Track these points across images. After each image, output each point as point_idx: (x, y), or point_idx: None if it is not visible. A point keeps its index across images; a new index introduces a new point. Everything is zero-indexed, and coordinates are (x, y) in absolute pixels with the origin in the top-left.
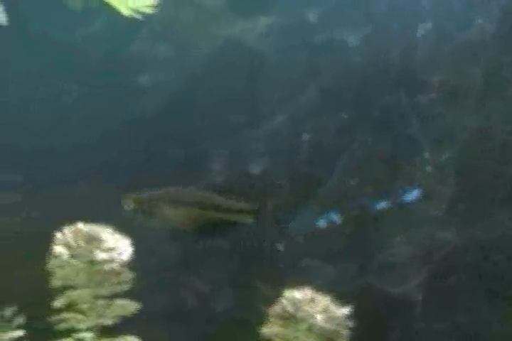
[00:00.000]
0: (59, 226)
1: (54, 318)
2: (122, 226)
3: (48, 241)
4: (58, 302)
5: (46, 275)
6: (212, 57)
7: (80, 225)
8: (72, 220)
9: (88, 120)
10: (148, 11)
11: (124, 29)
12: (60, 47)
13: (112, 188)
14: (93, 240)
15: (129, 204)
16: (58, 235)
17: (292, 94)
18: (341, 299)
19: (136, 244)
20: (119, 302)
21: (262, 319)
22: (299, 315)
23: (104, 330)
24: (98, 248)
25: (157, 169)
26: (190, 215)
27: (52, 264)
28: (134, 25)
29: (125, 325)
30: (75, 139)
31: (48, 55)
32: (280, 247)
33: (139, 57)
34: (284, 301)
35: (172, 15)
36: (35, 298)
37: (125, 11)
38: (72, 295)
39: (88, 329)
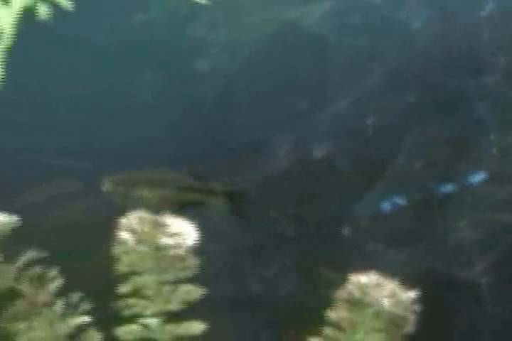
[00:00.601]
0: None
1: (119, 304)
2: (187, 212)
3: (113, 227)
4: (123, 289)
5: (111, 261)
6: (271, 41)
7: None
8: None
9: (150, 108)
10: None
11: (181, 14)
12: (116, 33)
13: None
14: (158, 225)
15: (107, 186)
16: (123, 221)
17: (355, 76)
18: (407, 283)
19: (201, 230)
20: (184, 288)
21: (326, 304)
22: (366, 299)
23: (170, 316)
24: (163, 233)
25: (221, 157)
26: (166, 197)
27: (117, 250)
28: (190, 9)
29: (190, 311)
30: (138, 128)
31: (104, 41)
32: (344, 231)
33: (196, 43)
34: (349, 286)
35: None
36: (100, 285)
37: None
38: (138, 281)
39: (153, 315)
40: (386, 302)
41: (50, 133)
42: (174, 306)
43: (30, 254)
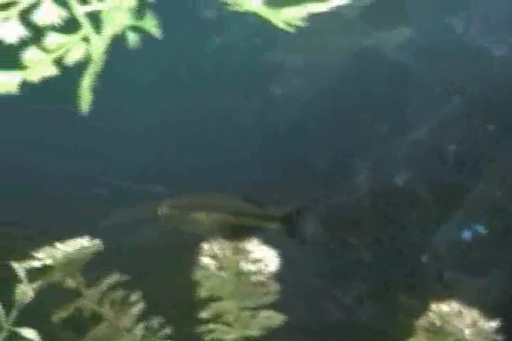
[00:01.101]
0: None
1: (200, 329)
2: (267, 238)
3: (191, 252)
4: (204, 314)
5: (192, 286)
6: (349, 66)
7: None
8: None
9: (225, 132)
10: (300, 23)
11: (258, 38)
12: (197, 56)
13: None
14: (240, 251)
15: (163, 210)
16: (205, 246)
17: (435, 103)
18: (488, 312)
19: (280, 255)
20: (265, 313)
21: (405, 331)
22: (447, 328)
23: None
24: (245, 259)
25: (300, 181)
26: (220, 221)
27: (199, 275)
28: (268, 33)
29: (268, 336)
30: (213, 153)
31: (182, 64)
32: (423, 258)
33: (273, 67)
34: (430, 314)
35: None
36: (181, 309)
37: (278, 23)
38: (218, 306)
39: None
40: (467, 332)
41: (129, 158)
42: (254, 332)
43: (112, 278)
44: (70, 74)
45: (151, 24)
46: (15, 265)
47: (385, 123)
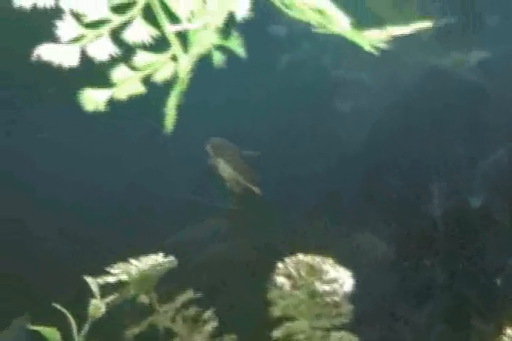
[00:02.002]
0: (272, 255)
1: None
2: (340, 258)
3: (261, 268)
4: (277, 333)
5: (264, 304)
6: (421, 86)
7: (301, 256)
8: (286, 249)
9: (298, 147)
10: (384, 45)
11: (327, 55)
12: (268, 74)
13: (331, 222)
14: (315, 271)
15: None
16: (280, 265)
17: None
18: None
19: (355, 275)
20: (336, 334)
21: None
22: None
23: None
24: (320, 279)
25: (374, 204)
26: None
27: (273, 294)
28: (337, 50)
29: None
30: (290, 166)
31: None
32: (499, 282)
33: (342, 84)
34: (505, 339)
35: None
36: (253, 327)
37: (366, 47)
38: (291, 325)
39: None
40: None
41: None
42: None
43: (186, 295)
44: (155, 92)
45: (236, 43)
46: (88, 280)
47: (461, 144)
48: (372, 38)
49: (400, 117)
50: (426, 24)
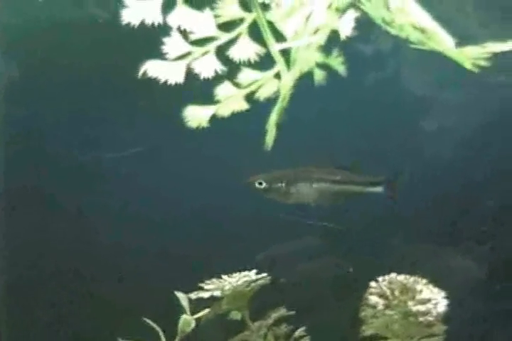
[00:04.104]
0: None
1: None
2: (434, 278)
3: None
4: None
5: (356, 322)
6: (506, 107)
7: (394, 275)
8: (378, 269)
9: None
10: (485, 63)
11: (413, 72)
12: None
13: (425, 239)
14: (408, 291)
15: (263, 182)
16: (373, 284)
17: None
18: None
19: (448, 295)
20: None
21: None
22: None
23: None
24: (413, 299)
25: (467, 224)
26: (323, 191)
27: (365, 313)
28: (423, 66)
29: None
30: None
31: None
32: None
33: (428, 102)
34: None
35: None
36: None
37: (467, 64)
38: None
39: None
40: None
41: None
42: None
43: (279, 312)
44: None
45: (338, 61)
46: (179, 295)
47: None
48: (474, 56)
49: (487, 135)
50: None
